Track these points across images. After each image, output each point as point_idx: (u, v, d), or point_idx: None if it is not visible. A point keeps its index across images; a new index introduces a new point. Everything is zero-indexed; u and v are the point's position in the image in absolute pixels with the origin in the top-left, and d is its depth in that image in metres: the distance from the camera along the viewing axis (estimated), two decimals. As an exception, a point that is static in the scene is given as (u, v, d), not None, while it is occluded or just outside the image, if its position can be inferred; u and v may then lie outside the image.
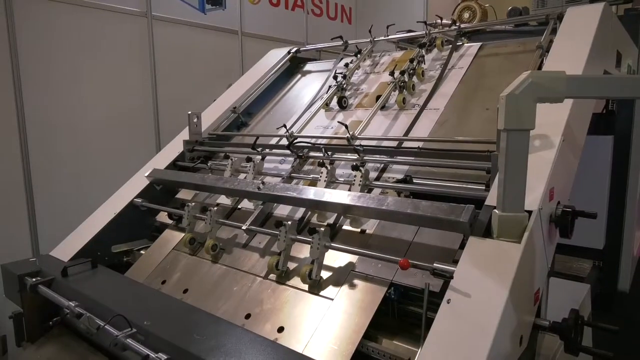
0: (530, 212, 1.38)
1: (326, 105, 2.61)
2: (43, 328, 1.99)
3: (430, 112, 2.24)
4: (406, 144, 2.09)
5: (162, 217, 2.45)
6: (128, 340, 1.47)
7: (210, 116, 2.89)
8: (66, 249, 2.24)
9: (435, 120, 2.17)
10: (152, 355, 1.38)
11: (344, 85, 2.64)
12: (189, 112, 2.72)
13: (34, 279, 1.95)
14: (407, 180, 1.88)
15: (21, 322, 2.01)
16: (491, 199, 1.48)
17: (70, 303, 1.73)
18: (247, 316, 1.70)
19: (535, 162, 1.45)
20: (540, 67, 2.05)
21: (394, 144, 2.12)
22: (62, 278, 1.95)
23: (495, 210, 1.37)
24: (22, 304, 1.99)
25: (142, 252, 2.34)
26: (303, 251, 1.83)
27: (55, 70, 3.58)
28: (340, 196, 1.77)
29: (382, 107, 2.38)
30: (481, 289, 1.24)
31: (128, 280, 2.06)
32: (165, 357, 1.37)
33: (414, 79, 2.44)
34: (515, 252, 1.30)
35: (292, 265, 1.81)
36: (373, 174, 2.01)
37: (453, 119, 2.15)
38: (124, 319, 1.53)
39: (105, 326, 1.55)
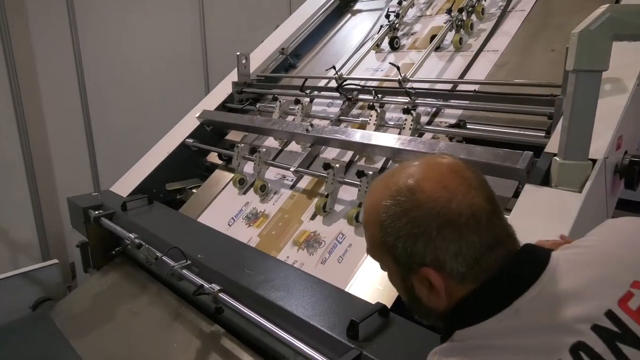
0: (594, 161, 1.30)
1: (377, 46, 2.50)
2: (106, 257, 2.15)
3: (489, 54, 2.10)
4: (461, 87, 1.99)
5: (212, 157, 2.51)
6: (184, 271, 1.57)
7: (258, 58, 2.86)
8: (124, 186, 2.37)
9: (494, 62, 2.04)
10: (206, 285, 1.47)
11: (397, 25, 2.50)
12: (238, 53, 2.69)
13: (96, 212, 2.09)
14: (460, 125, 1.81)
15: (87, 250, 2.18)
16: (552, 146, 1.40)
17: (130, 235, 1.84)
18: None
19: (604, 107, 1.34)
20: (617, 3, 1.86)
21: (447, 87, 2.02)
22: (122, 212, 2.08)
23: (556, 158, 1.30)
24: (87, 234, 2.15)
25: (194, 190, 2.43)
26: (350, 194, 1.83)
27: (107, 13, 3.62)
28: (389, 139, 1.74)
29: (437, 48, 2.26)
30: (536, 238, 1.20)
31: (182, 216, 2.16)
32: (218, 288, 1.45)
33: (473, 17, 2.28)
34: (575, 202, 1.24)
35: (338, 208, 1.83)
36: (424, 118, 1.94)
37: (514, 61, 2.01)
38: (179, 251, 1.62)
39: (163, 257, 1.64)
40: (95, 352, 1.75)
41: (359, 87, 2.19)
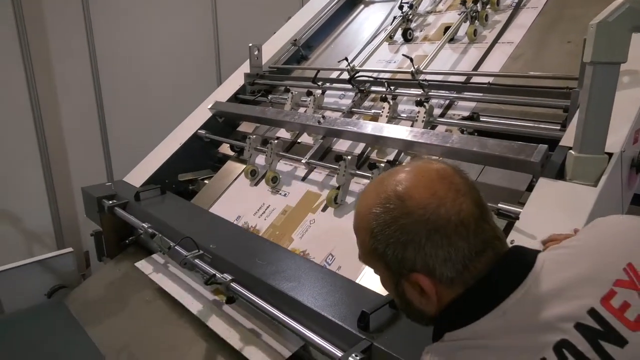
0: (610, 155, 1.28)
1: (390, 37, 2.48)
2: (120, 246, 2.18)
3: (504, 45, 2.08)
4: (475, 79, 1.97)
5: (224, 148, 2.52)
6: (196, 260, 1.58)
7: (271, 49, 2.85)
8: (137, 176, 2.39)
9: (509, 54, 2.01)
10: (218, 275, 1.48)
11: (410, 16, 2.48)
12: (250, 45, 2.69)
13: (110, 202, 2.12)
14: (473, 117, 1.79)
15: (101, 239, 2.21)
16: (567, 139, 1.39)
17: (144, 224, 1.86)
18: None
19: (621, 100, 1.31)
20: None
21: (461, 79, 2.01)
22: (135, 202, 2.10)
23: (571, 151, 1.29)
24: (101, 224, 2.18)
25: (205, 181, 2.44)
26: (362, 186, 1.83)
27: (121, 7, 3.63)
28: (401, 132, 1.73)
29: (451, 40, 2.23)
30: (549, 232, 1.19)
31: (194, 206, 2.18)
32: (230, 278, 1.47)
33: (488, 8, 2.25)
34: (589, 196, 1.22)
35: (350, 200, 1.83)
36: (437, 111, 1.93)
37: (529, 53, 1.98)
38: (192, 241, 1.63)
39: (176, 247, 1.66)
40: (109, 339, 1.78)
41: (372, 79, 2.18)
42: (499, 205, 1.35)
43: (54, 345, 1.85)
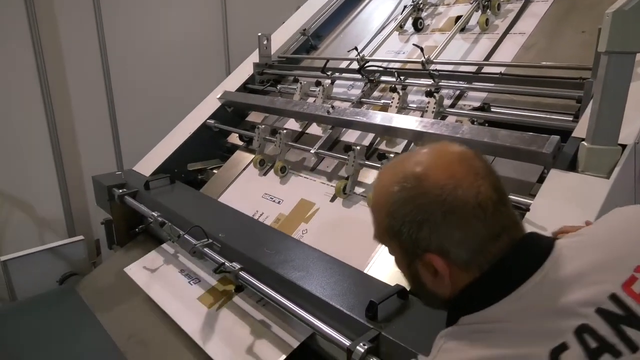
0: (623, 146, 1.26)
1: (400, 27, 2.46)
2: (130, 234, 2.19)
3: (516, 35, 2.05)
4: (486, 70, 1.95)
5: (233, 138, 2.53)
6: (205, 249, 1.60)
7: (280, 39, 2.84)
8: (147, 165, 2.40)
9: (521, 44, 1.99)
10: (227, 263, 1.49)
11: (421, 5, 2.46)
12: (259, 34, 2.68)
13: (120, 190, 2.14)
14: (484, 108, 1.77)
15: (111, 228, 2.24)
16: (580, 130, 1.37)
17: (153, 213, 1.88)
18: (314, 236, 1.77)
19: (636, 90, 1.29)
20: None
21: (472, 69, 1.99)
22: (145, 191, 2.12)
23: (584, 143, 1.27)
24: (111, 212, 2.20)
25: (214, 171, 2.45)
26: (371, 177, 1.82)
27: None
28: (411, 122, 1.72)
29: (462, 30, 2.21)
30: (560, 224, 1.18)
31: (203, 195, 2.19)
32: (239, 267, 1.47)
33: (500, -3, 2.22)
34: (602, 188, 1.21)
35: (359, 190, 1.82)
36: (447, 101, 1.91)
37: (542, 43, 1.95)
38: (201, 230, 1.64)
39: (185, 235, 1.67)
40: (119, 325, 1.81)
41: (381, 68, 2.16)
42: (509, 196, 1.34)
43: (65, 331, 1.88)
